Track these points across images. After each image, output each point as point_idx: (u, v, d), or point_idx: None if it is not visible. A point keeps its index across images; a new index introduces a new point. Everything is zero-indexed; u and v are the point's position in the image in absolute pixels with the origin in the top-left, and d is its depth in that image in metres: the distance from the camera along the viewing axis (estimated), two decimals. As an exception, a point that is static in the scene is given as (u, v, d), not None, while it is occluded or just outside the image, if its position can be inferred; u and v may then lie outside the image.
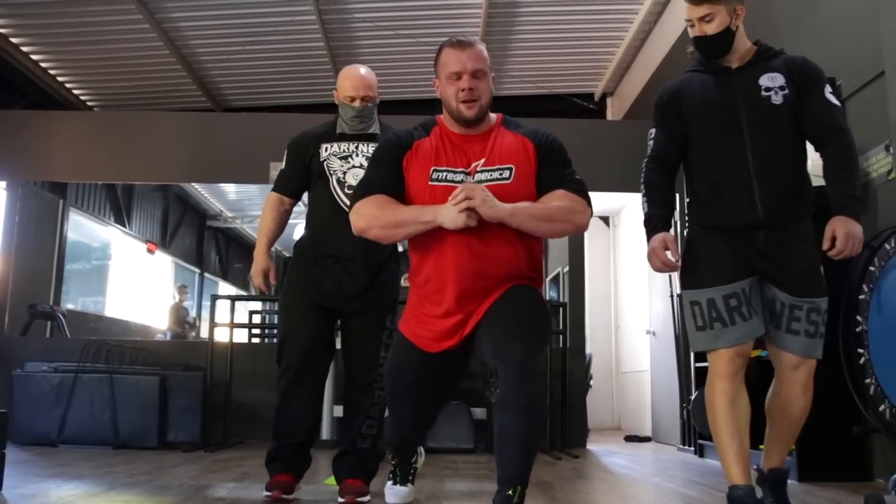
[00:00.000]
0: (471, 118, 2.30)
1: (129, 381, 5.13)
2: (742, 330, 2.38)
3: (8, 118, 6.65)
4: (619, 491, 3.48)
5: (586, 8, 7.29)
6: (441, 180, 2.29)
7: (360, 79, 3.00)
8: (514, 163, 2.31)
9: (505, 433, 2.08)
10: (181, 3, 6.93)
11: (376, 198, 2.29)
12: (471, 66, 2.28)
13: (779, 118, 2.44)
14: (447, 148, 2.34)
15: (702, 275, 2.45)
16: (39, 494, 2.93)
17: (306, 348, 2.89)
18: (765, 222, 2.41)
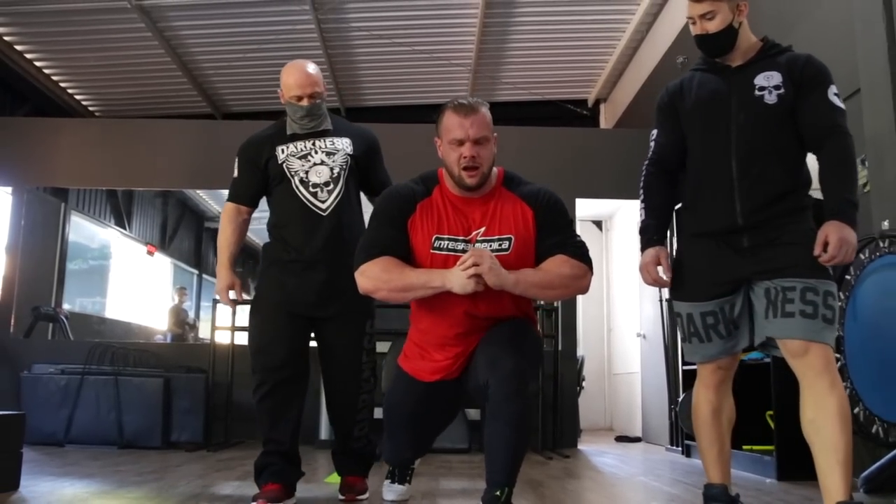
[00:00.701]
0: (472, 186, 2.33)
1: (133, 382, 5.29)
2: (717, 348, 2.38)
3: (13, 125, 6.81)
4: (606, 489, 3.64)
5: (580, 17, 7.46)
6: (442, 249, 2.34)
7: (304, 76, 2.89)
8: (513, 233, 2.35)
9: (495, 441, 2.21)
10: (183, 11, 7.09)
11: (383, 260, 2.32)
12: (473, 134, 2.30)
13: (770, 119, 2.34)
14: (449, 213, 2.37)
15: (683, 287, 2.43)
16: (55, 492, 3.09)
17: (280, 360, 2.80)
18: (743, 226, 2.32)
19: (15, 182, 6.65)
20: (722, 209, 2.34)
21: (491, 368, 2.23)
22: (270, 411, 2.81)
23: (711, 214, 2.37)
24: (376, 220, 2.43)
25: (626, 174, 6.49)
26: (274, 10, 7.07)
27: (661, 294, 6.23)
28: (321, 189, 2.86)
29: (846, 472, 2.15)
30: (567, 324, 6.20)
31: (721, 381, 2.42)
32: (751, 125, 2.34)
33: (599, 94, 9.28)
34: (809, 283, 2.22)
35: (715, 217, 2.36)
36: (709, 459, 2.45)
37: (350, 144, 2.96)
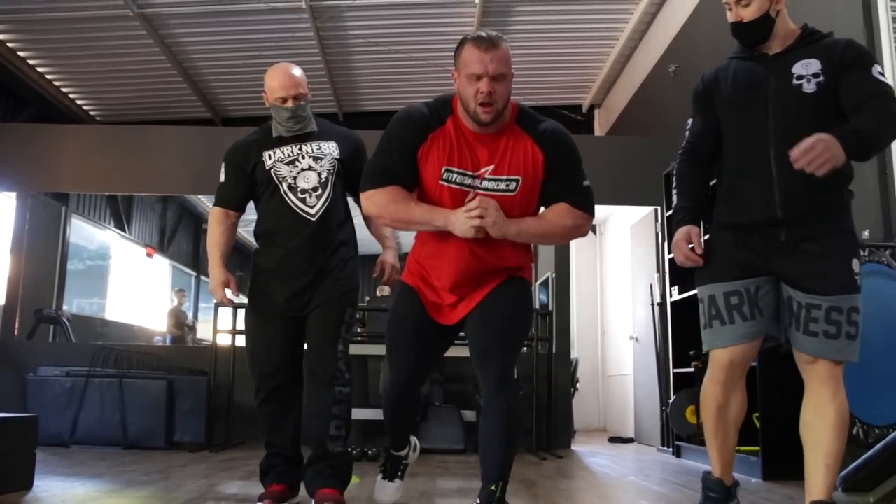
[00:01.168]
0: (486, 122, 2.29)
1: (137, 384, 5.41)
2: (739, 330, 2.30)
3: (17, 131, 6.92)
4: (597, 489, 3.78)
5: (575, 24, 7.60)
6: (451, 181, 2.33)
7: (288, 77, 2.88)
8: (521, 174, 2.34)
9: (488, 436, 2.30)
10: (184, 20, 7.22)
11: (392, 190, 2.34)
12: (492, 70, 2.24)
13: (809, 108, 2.26)
14: (461, 146, 2.35)
15: (708, 271, 2.38)
16: (67, 492, 3.21)
17: (273, 368, 2.85)
18: (783, 219, 2.27)
19: (19, 187, 6.76)
20: (760, 200, 2.29)
21: (479, 366, 2.35)
22: (269, 417, 2.88)
23: (749, 205, 2.32)
24: (388, 143, 2.39)
25: (620, 181, 6.66)
26: (273, 17, 7.19)
27: (653, 298, 6.37)
28: (309, 194, 2.87)
29: (831, 474, 2.21)
30: (561, 327, 6.33)
31: (731, 379, 2.35)
32: (790, 115, 2.27)
33: (594, 100, 9.43)
34: (835, 301, 2.20)
35: (752, 208, 2.31)
36: (712, 450, 2.45)
37: (336, 148, 2.97)
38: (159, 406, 5.37)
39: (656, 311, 6.24)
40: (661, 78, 7.04)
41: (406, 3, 7.06)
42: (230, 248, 2.98)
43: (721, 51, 5.49)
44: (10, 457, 3.09)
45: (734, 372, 2.34)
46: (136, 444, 5.29)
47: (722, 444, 2.42)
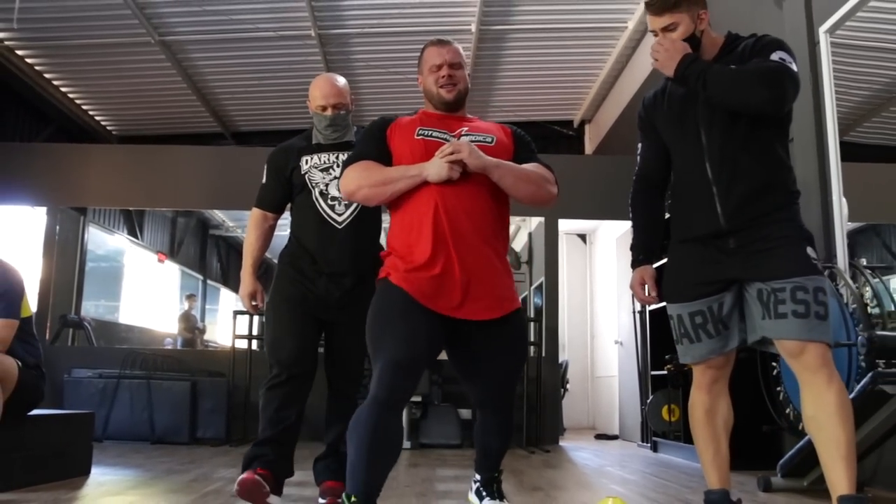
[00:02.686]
0: (450, 100, 2.49)
1: (163, 385, 5.96)
2: (707, 347, 2.37)
3: (47, 151, 7.49)
4: (576, 477, 4.32)
5: (566, 44, 8.07)
6: (427, 136, 2.45)
7: (329, 86, 2.96)
8: (495, 135, 2.51)
9: (488, 448, 2.66)
10: (202, 45, 7.74)
11: (363, 162, 2.43)
12: (449, 59, 2.50)
13: (730, 115, 2.31)
14: (430, 117, 2.53)
15: (671, 290, 2.45)
16: (121, 477, 3.76)
17: (292, 356, 2.86)
18: (727, 229, 2.31)
19: (49, 203, 7.30)
20: (704, 214, 2.34)
21: (482, 406, 2.59)
22: (280, 397, 2.84)
23: (695, 220, 2.37)
24: (358, 141, 2.57)
25: (606, 197, 7.20)
26: (284, 44, 7.71)
27: (635, 305, 6.92)
28: (339, 202, 2.91)
29: (850, 466, 2.13)
30: (550, 332, 6.87)
31: (713, 381, 2.41)
32: (718, 126, 2.33)
33: (584, 116, 9.93)
34: (799, 281, 2.21)
35: (699, 222, 2.36)
36: (705, 462, 2.47)
37: None
38: (183, 405, 5.92)
39: (637, 318, 6.78)
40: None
41: (406, 31, 7.58)
42: (263, 253, 3.06)
43: None
44: (73, 447, 3.64)
45: (714, 375, 2.41)
46: (163, 439, 5.83)
47: (715, 454, 2.44)
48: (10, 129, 8.42)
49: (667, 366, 5.52)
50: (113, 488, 3.40)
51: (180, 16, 7.17)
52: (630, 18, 7.45)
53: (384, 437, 2.16)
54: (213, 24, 7.27)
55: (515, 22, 7.56)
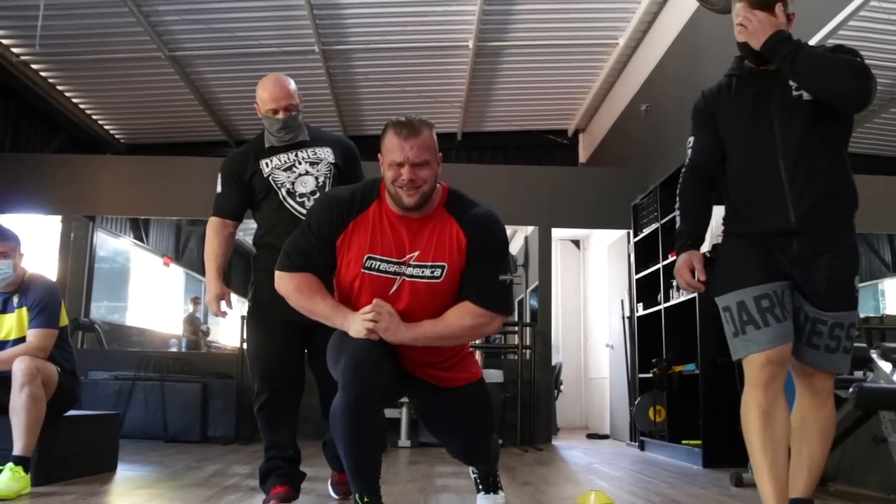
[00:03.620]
0: (410, 206, 2.26)
1: (176, 387, 6.27)
2: (775, 332, 2.21)
3: (61, 161, 7.84)
4: (564, 472, 4.65)
5: (560, 59, 8.41)
6: (373, 269, 2.30)
7: (279, 89, 2.95)
8: (446, 260, 2.30)
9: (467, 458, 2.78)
10: (208, 59, 8.07)
11: (301, 277, 2.33)
12: (413, 157, 2.21)
13: (810, 116, 2.28)
14: (385, 231, 2.31)
15: (731, 277, 2.33)
16: (145, 472, 4.07)
17: (274, 369, 2.87)
18: (797, 228, 2.26)
19: (64, 211, 7.61)
20: (773, 211, 2.28)
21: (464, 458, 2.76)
22: (269, 420, 2.91)
23: (762, 217, 2.31)
24: (308, 228, 2.36)
25: (598, 207, 7.54)
26: (288, 58, 8.02)
27: (624, 311, 7.24)
28: (308, 198, 2.90)
29: (813, 476, 2.33)
30: (542, 335, 7.20)
31: (772, 378, 2.22)
32: (795, 125, 2.29)
33: (578, 125, 10.26)
34: (839, 317, 2.26)
35: (766, 219, 2.30)
36: (762, 474, 2.22)
37: (331, 153, 3.02)
38: (195, 405, 6.24)
39: (626, 323, 7.10)
40: (634, 114, 7.91)
41: (407, 47, 7.91)
42: (227, 259, 3.05)
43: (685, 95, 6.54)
44: (102, 444, 3.97)
45: (774, 372, 2.22)
46: (175, 438, 6.14)
47: (772, 464, 2.20)
48: (24, 139, 8.75)
49: (653, 369, 5.84)
50: (140, 483, 3.72)
51: (189, 32, 7.49)
52: (621, 35, 7.77)
53: (363, 436, 2.20)
54: (220, 39, 7.58)
55: (511, 38, 7.89)
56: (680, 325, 5.51)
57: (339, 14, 7.30)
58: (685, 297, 5.42)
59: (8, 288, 3.42)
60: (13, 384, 3.16)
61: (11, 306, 3.42)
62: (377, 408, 2.27)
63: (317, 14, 7.21)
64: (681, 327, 5.48)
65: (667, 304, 5.74)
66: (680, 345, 5.52)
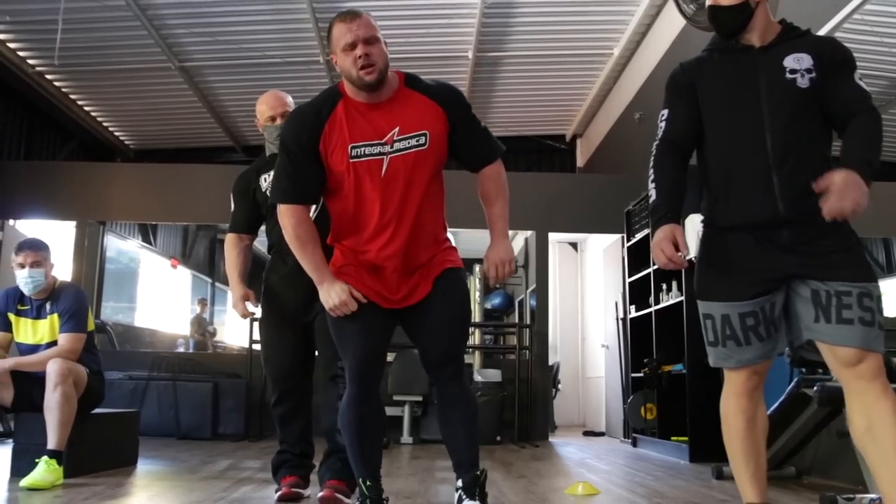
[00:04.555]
0: (372, 82, 2.31)
1: (188, 386, 6.56)
2: (756, 351, 2.15)
3: (74, 169, 8.15)
4: (557, 467, 4.92)
5: (557, 69, 8.66)
6: (361, 156, 2.35)
7: (275, 99, 3.16)
8: (427, 128, 2.38)
9: (457, 427, 2.48)
10: (217, 69, 8.35)
11: (297, 214, 2.41)
12: (363, 35, 2.30)
13: (804, 103, 2.15)
14: (359, 121, 2.36)
15: (717, 285, 2.20)
16: (164, 466, 4.35)
17: (284, 371, 3.07)
18: (787, 217, 2.11)
19: (78, 217, 7.90)
20: (760, 199, 2.14)
21: (433, 371, 2.50)
22: (280, 418, 3.15)
23: (747, 205, 2.16)
24: (287, 149, 2.41)
25: (594, 212, 7.81)
26: (294, 68, 8.31)
27: (617, 312, 7.51)
28: None
29: None
30: (540, 335, 7.47)
31: (755, 387, 2.19)
32: (786, 110, 2.15)
33: (576, 130, 10.51)
34: (865, 287, 2.05)
35: (752, 207, 2.15)
36: (744, 477, 2.21)
37: None
38: (206, 404, 6.52)
39: (620, 324, 7.37)
40: (629, 121, 8.17)
41: (409, 58, 8.13)
42: (248, 268, 3.21)
43: None
44: (124, 440, 4.24)
45: (757, 381, 2.20)
46: (188, 435, 6.42)
47: (756, 466, 2.20)
48: (37, 146, 9.05)
49: (644, 369, 6.11)
50: (160, 475, 4.00)
51: (199, 44, 7.76)
52: (615, 45, 8.02)
53: (368, 426, 2.45)
54: (228, 50, 7.84)
55: (509, 49, 8.15)
56: (669, 326, 5.78)
57: (343, 26, 7.57)
58: (674, 300, 5.69)
59: (40, 295, 3.70)
60: (47, 384, 3.44)
61: (44, 312, 3.70)
62: (377, 401, 2.49)
63: (322, 27, 7.48)
64: (670, 329, 5.76)
65: (657, 307, 6.01)
66: (669, 346, 5.80)
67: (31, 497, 3.12)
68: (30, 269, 3.62)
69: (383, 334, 2.49)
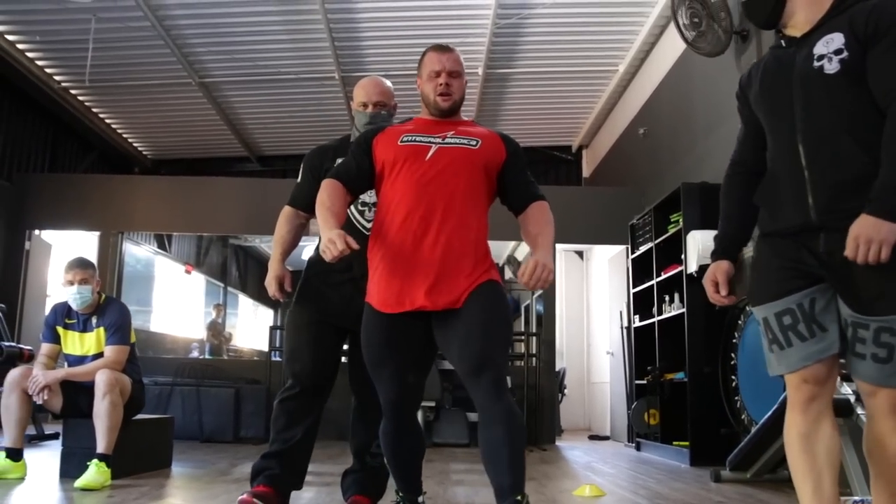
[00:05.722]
0: (445, 108, 2.54)
1: (211, 391, 6.87)
2: (801, 352, 1.98)
3: (98, 181, 8.48)
4: (563, 469, 5.20)
5: (563, 84, 8.96)
6: (410, 141, 2.49)
7: (374, 85, 3.03)
8: (482, 139, 2.53)
9: (498, 446, 2.23)
10: (235, 85, 8.68)
11: (331, 185, 2.50)
12: (449, 67, 2.54)
13: (835, 90, 1.94)
14: (420, 126, 2.56)
15: (757, 289, 2.09)
16: (197, 468, 4.64)
17: (308, 367, 2.84)
18: (819, 224, 1.94)
19: (101, 228, 8.23)
20: (793, 204, 1.99)
21: (472, 379, 2.29)
22: (290, 412, 2.85)
23: (782, 212, 2.03)
24: (353, 144, 2.64)
25: (599, 224, 8.09)
26: (310, 84, 8.63)
27: (622, 320, 7.79)
28: (369, 208, 2.87)
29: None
30: (547, 343, 7.77)
31: (809, 398, 1.99)
32: (814, 103, 1.97)
33: (582, 142, 10.81)
34: (884, 321, 1.87)
35: (787, 213, 2.01)
36: (804, 498, 2.00)
37: None
38: (228, 408, 6.83)
39: (625, 332, 7.65)
40: (633, 136, 8.46)
41: (421, 74, 8.48)
42: (294, 248, 2.99)
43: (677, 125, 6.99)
44: (160, 444, 4.54)
45: (811, 392, 1.99)
46: (211, 438, 6.72)
47: (815, 490, 1.97)
48: (61, 158, 9.39)
49: (647, 376, 6.38)
50: (194, 477, 4.30)
51: (218, 61, 8.09)
52: (621, 62, 8.32)
53: (406, 451, 2.58)
54: (246, 66, 8.15)
55: (518, 66, 8.46)
56: (671, 336, 6.06)
57: (358, 45, 7.87)
58: (676, 311, 5.97)
59: (87, 310, 4.00)
60: (96, 393, 3.74)
61: (91, 326, 4.00)
62: (412, 434, 2.57)
63: (338, 46, 7.79)
64: (672, 339, 6.03)
65: (660, 318, 6.29)
66: (671, 355, 6.08)
67: (85, 497, 3.41)
68: (78, 286, 3.92)
69: (420, 370, 2.51)
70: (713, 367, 5.44)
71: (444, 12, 7.30)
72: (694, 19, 5.56)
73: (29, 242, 8.14)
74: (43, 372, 3.84)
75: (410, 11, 7.27)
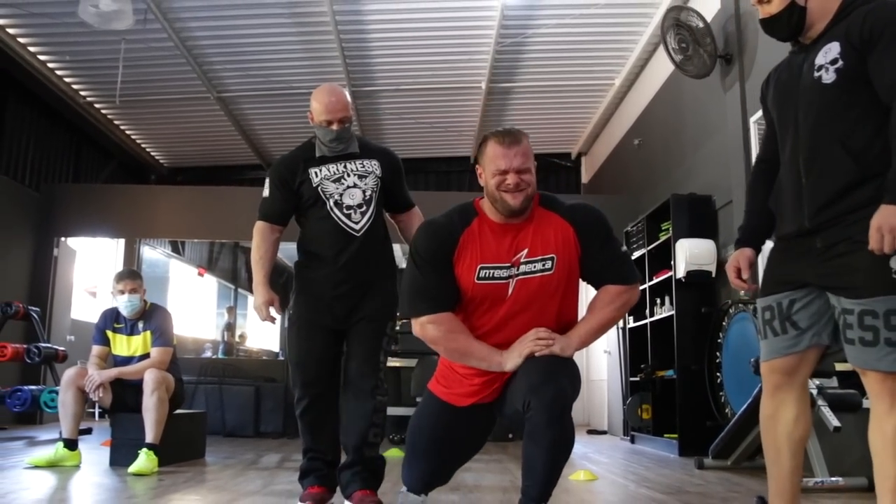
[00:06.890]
0: (516, 208, 2.29)
1: (233, 389, 7.34)
2: (772, 345, 2.18)
3: (122, 191, 8.98)
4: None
5: (562, 97, 9.43)
6: (487, 279, 2.32)
7: (334, 102, 2.92)
8: (555, 252, 2.32)
9: (532, 462, 2.24)
10: (251, 98, 9.14)
11: (448, 321, 2.34)
12: (517, 165, 2.28)
13: (830, 101, 2.03)
14: (490, 240, 2.34)
15: (761, 284, 2.28)
16: (227, 459, 5.10)
17: (314, 376, 2.94)
18: (811, 228, 2.06)
19: (124, 235, 8.71)
20: (792, 211, 2.13)
21: (534, 392, 2.21)
22: (310, 425, 2.99)
23: (786, 217, 2.18)
24: (421, 260, 2.38)
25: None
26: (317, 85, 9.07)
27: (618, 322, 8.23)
28: (354, 211, 2.94)
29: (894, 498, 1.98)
30: (548, 344, 8.18)
31: (776, 386, 2.19)
32: (813, 113, 2.07)
33: (581, 149, 11.24)
34: (867, 304, 1.95)
35: (788, 220, 2.16)
36: (768, 474, 2.25)
37: (378, 166, 3.04)
38: (249, 405, 7.29)
39: (620, 332, 8.10)
40: (628, 146, 8.91)
41: (427, 88, 8.93)
42: (272, 265, 3.02)
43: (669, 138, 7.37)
44: (195, 436, 5.01)
45: (778, 381, 2.18)
46: (232, 433, 7.19)
47: (773, 464, 2.22)
48: (84, 168, 9.88)
49: (640, 374, 6.83)
50: (229, 465, 4.76)
51: (235, 76, 8.54)
52: (616, 77, 8.77)
53: None
54: (261, 81, 8.61)
55: (519, 80, 8.91)
56: (662, 337, 6.51)
57: (367, 60, 8.32)
58: (666, 313, 6.42)
59: (135, 316, 4.47)
60: (145, 389, 4.21)
61: (137, 330, 4.47)
62: None
63: (349, 63, 8.25)
64: (663, 339, 6.48)
65: (652, 319, 6.74)
66: (662, 353, 6.53)
67: (138, 481, 3.87)
68: (129, 295, 4.39)
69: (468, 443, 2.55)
70: (700, 365, 5.87)
71: (450, 32, 7.74)
72: (682, 44, 5.99)
73: (57, 249, 8.62)
74: (98, 371, 4.31)
75: (419, 31, 7.73)
